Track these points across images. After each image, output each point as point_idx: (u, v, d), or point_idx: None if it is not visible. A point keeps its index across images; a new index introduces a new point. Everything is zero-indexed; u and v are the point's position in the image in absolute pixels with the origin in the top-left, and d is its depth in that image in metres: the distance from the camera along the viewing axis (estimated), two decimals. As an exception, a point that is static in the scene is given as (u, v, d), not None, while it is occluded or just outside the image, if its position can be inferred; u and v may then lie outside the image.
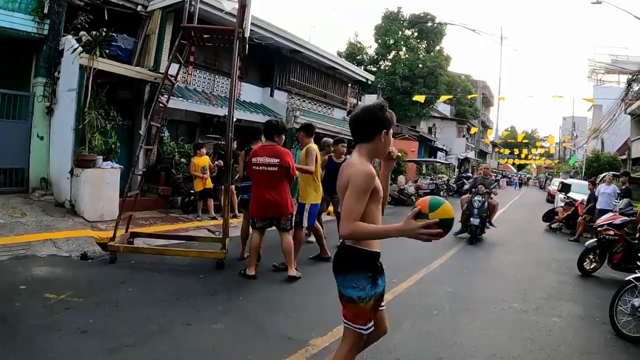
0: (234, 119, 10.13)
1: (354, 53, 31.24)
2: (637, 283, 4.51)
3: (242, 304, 4.40)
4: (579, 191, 14.74)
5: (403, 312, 4.50)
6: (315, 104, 15.04)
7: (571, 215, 12.48)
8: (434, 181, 17.15)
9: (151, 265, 5.34)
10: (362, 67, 31.62)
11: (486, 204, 9.13)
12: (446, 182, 19.24)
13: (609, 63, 22.37)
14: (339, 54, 31.68)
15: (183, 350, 3.27)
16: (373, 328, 2.30)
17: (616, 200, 10.14)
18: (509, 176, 53.85)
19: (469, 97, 31.85)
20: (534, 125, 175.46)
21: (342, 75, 16.10)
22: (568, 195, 14.07)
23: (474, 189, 9.60)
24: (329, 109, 15.88)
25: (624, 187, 10.49)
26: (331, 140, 7.45)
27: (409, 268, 6.24)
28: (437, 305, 4.92)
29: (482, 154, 47.85)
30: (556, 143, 58.57)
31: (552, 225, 13.01)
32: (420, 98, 15.80)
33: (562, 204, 13.46)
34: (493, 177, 10.29)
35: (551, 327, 4.60)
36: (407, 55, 28.65)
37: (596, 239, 7.11)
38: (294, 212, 5.51)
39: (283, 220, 5.23)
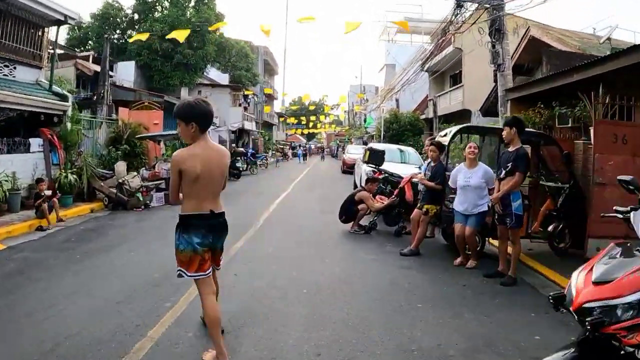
0: None
1: (108, 14, 24.40)
2: None
3: None
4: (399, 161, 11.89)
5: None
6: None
7: (399, 202, 7.70)
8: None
9: None
10: (119, 30, 25.11)
11: None
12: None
13: (402, 21, 20.97)
14: (93, 16, 24.39)
15: None
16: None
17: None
18: (297, 146, 52.81)
19: (235, 49, 27.51)
20: (323, 93, 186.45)
21: (28, 12, 10.06)
22: (382, 169, 8.91)
23: None
24: (8, 66, 9.92)
25: (434, 164, 6.54)
26: None
27: None
28: None
29: (267, 125, 45.78)
30: (345, 111, 59.97)
31: (363, 224, 7.84)
32: (180, 35, 10.58)
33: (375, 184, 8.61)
34: None
35: None
36: (168, 12, 23.27)
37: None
38: None
39: None
